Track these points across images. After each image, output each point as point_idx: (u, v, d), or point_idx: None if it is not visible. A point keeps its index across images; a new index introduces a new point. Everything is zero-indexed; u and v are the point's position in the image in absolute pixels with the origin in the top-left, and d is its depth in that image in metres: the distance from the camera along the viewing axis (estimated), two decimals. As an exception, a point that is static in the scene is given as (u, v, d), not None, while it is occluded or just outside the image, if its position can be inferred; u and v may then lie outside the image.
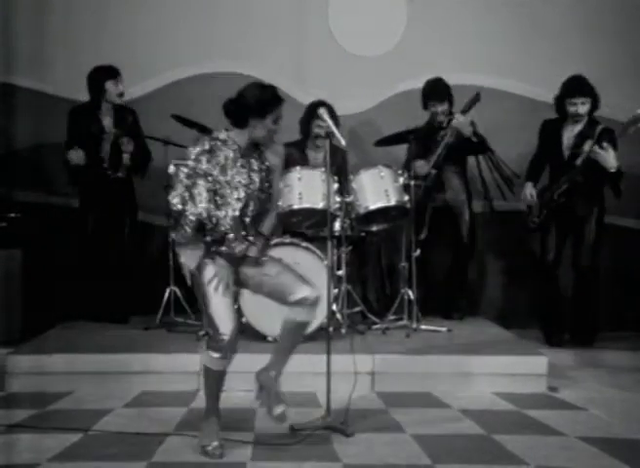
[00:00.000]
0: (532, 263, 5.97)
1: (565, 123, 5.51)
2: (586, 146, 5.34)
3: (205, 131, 5.45)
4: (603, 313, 5.78)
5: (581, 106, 5.35)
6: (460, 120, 5.59)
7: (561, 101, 5.44)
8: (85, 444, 3.66)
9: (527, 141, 5.84)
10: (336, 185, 5.09)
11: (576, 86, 5.37)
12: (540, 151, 5.69)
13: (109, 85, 5.55)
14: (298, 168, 5.17)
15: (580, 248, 5.52)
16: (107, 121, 5.64)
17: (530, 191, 5.58)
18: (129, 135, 5.56)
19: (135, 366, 4.66)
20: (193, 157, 3.56)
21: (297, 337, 3.74)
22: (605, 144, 5.21)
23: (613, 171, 5.24)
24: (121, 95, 5.60)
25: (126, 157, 5.54)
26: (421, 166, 5.65)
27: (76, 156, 5.47)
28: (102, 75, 5.56)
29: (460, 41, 6.30)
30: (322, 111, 4.23)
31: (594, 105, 5.39)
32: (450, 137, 5.66)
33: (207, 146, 3.59)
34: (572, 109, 5.37)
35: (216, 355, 3.53)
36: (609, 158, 5.21)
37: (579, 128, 5.45)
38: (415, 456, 3.52)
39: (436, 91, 5.76)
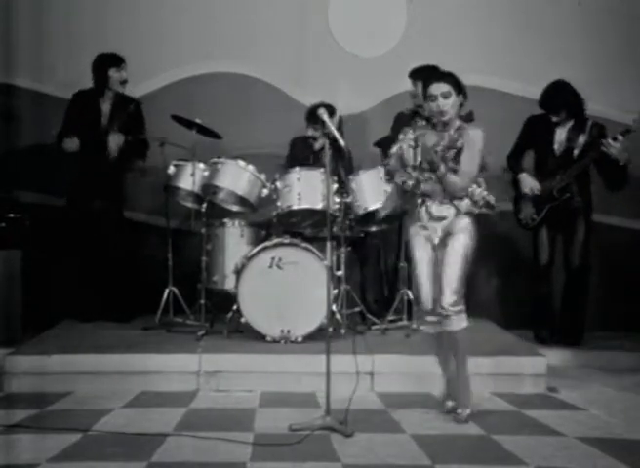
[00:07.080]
0: (524, 262, 5.92)
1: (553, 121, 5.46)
2: (581, 139, 5.33)
3: (205, 131, 5.46)
4: (592, 313, 5.75)
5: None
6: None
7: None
8: (84, 444, 3.66)
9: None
10: (335, 186, 5.09)
11: None
12: (522, 144, 5.61)
13: (112, 72, 5.61)
14: (297, 168, 5.18)
15: (572, 247, 5.47)
16: (106, 108, 5.67)
17: (532, 181, 5.44)
18: (129, 123, 5.58)
19: (134, 366, 4.65)
20: None
21: None
22: (620, 137, 5.14)
23: (622, 164, 5.18)
24: (124, 82, 5.65)
25: (114, 150, 5.56)
26: None
27: (70, 144, 5.50)
28: (106, 63, 5.63)
29: (459, 41, 6.29)
30: (321, 111, 4.21)
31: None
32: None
33: None
34: None
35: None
36: (621, 150, 5.14)
37: (570, 124, 5.42)
38: (414, 456, 3.51)
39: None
